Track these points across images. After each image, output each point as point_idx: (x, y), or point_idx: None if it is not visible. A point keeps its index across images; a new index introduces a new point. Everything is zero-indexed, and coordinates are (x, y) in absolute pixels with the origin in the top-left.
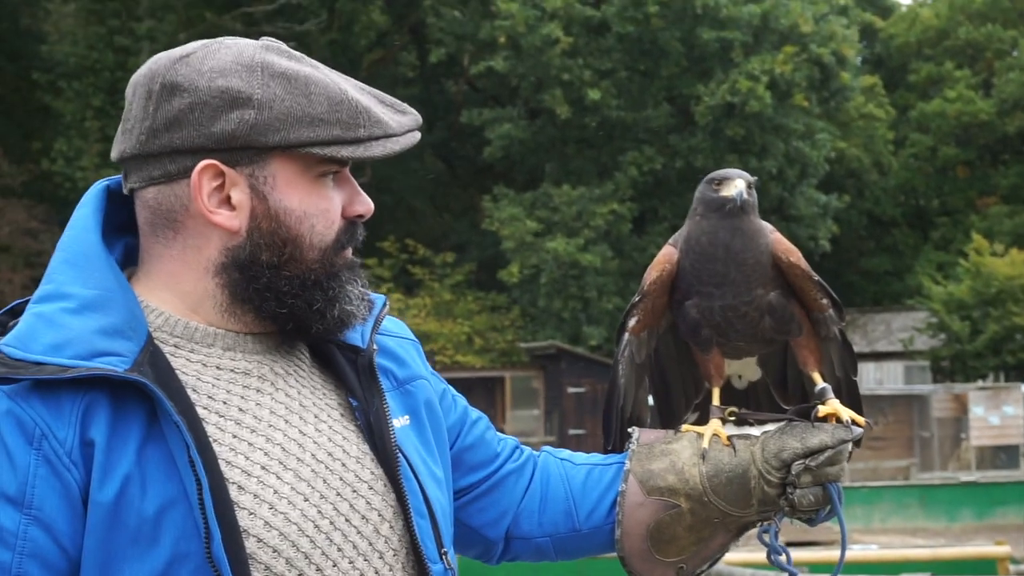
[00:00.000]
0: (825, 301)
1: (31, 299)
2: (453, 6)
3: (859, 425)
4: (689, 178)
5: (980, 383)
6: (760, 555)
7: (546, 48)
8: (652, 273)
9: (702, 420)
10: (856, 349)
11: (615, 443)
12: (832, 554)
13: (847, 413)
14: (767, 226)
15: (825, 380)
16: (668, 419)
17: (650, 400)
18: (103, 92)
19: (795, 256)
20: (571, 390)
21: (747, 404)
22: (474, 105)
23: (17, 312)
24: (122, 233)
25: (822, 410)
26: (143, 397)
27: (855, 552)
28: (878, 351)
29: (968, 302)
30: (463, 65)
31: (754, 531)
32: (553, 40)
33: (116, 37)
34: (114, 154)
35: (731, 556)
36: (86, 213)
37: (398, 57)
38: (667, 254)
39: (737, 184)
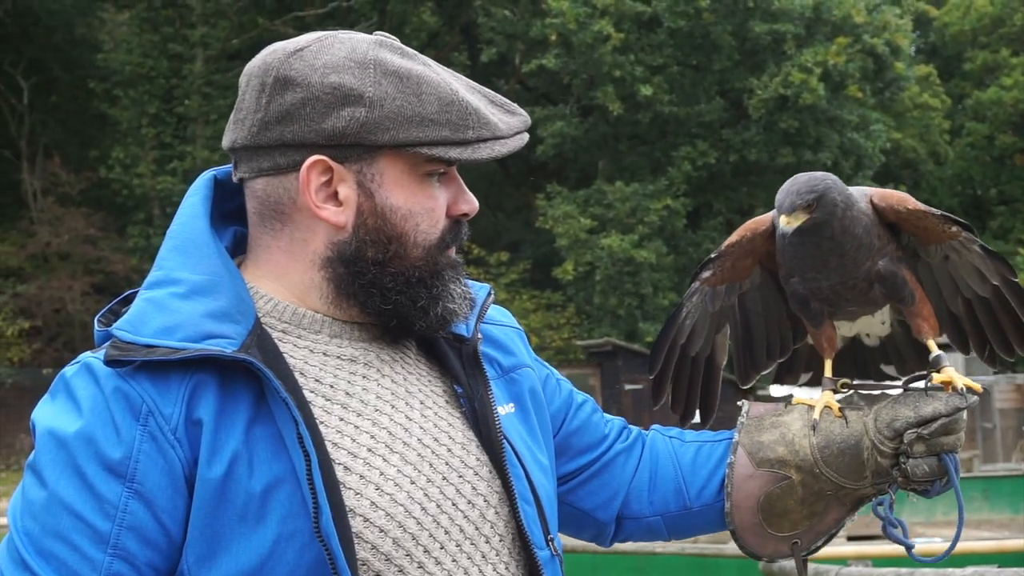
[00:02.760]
0: (955, 228)
1: (142, 285)
2: (503, 5)
3: (975, 392)
4: (743, 172)
5: None
6: (822, 550)
7: (597, 45)
8: (734, 236)
9: (808, 379)
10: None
11: (661, 374)
12: (894, 549)
13: (962, 381)
14: (860, 194)
15: (941, 343)
16: (746, 369)
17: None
18: (158, 99)
19: (911, 203)
20: (628, 387)
21: (852, 365)
22: (526, 103)
23: (129, 301)
24: (231, 221)
25: (936, 378)
26: (251, 378)
27: (918, 546)
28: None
29: None
30: (515, 64)
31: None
32: (604, 36)
33: (170, 45)
34: (225, 142)
35: None
36: (194, 201)
37: (450, 57)
38: (756, 222)
39: (787, 220)
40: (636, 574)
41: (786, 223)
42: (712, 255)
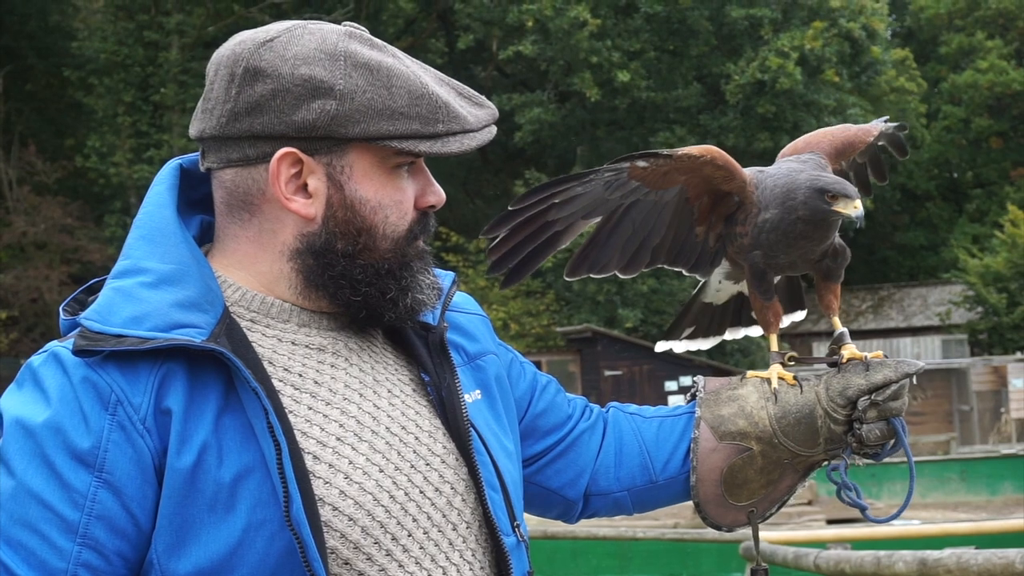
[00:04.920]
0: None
1: (109, 275)
2: None
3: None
4: None
5: (1019, 355)
6: (801, 533)
7: (574, 31)
8: (696, 151)
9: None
10: (892, 324)
11: (519, 213)
12: (873, 531)
13: (866, 356)
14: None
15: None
16: (579, 265)
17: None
18: (134, 87)
19: (857, 144)
20: (608, 373)
21: (721, 319)
22: (503, 90)
23: (94, 290)
24: (198, 209)
25: (846, 354)
26: (220, 368)
27: (896, 528)
28: (915, 326)
29: (1004, 274)
30: (492, 50)
31: (791, 511)
32: (581, 22)
33: (145, 32)
34: (193, 132)
35: (773, 535)
36: (161, 190)
37: (427, 44)
38: (726, 158)
39: (858, 206)
40: (616, 559)
41: (857, 208)
42: (664, 152)
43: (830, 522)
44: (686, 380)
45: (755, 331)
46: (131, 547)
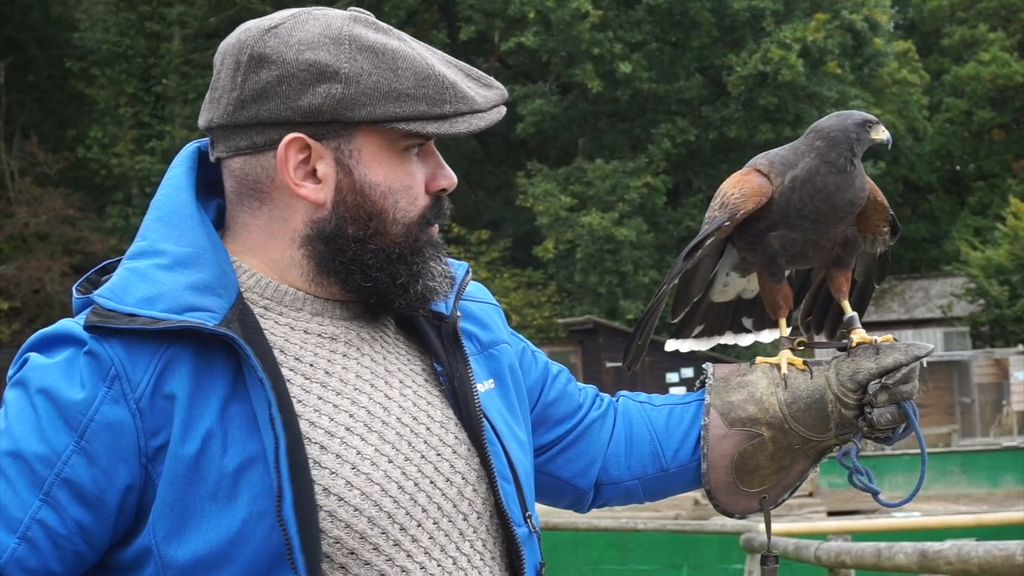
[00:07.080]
0: (887, 229)
1: (125, 255)
2: None
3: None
4: (723, 149)
5: (1021, 347)
6: (802, 525)
7: (576, 22)
8: (747, 204)
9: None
10: (894, 316)
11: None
12: (873, 523)
13: (876, 339)
14: None
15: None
16: (679, 306)
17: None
18: (136, 78)
19: (881, 196)
20: (609, 364)
21: (723, 320)
22: (505, 81)
23: (107, 271)
24: (215, 193)
25: (856, 339)
26: (230, 354)
27: (897, 520)
28: (916, 318)
29: (1007, 266)
30: (494, 42)
31: (792, 503)
32: (582, 14)
33: (147, 23)
34: (201, 122)
35: (774, 526)
36: (179, 173)
37: (429, 35)
38: (761, 187)
39: (883, 133)
40: (617, 551)
41: (885, 132)
42: (724, 221)
43: (831, 514)
44: (687, 371)
45: (743, 340)
46: (92, 519)
